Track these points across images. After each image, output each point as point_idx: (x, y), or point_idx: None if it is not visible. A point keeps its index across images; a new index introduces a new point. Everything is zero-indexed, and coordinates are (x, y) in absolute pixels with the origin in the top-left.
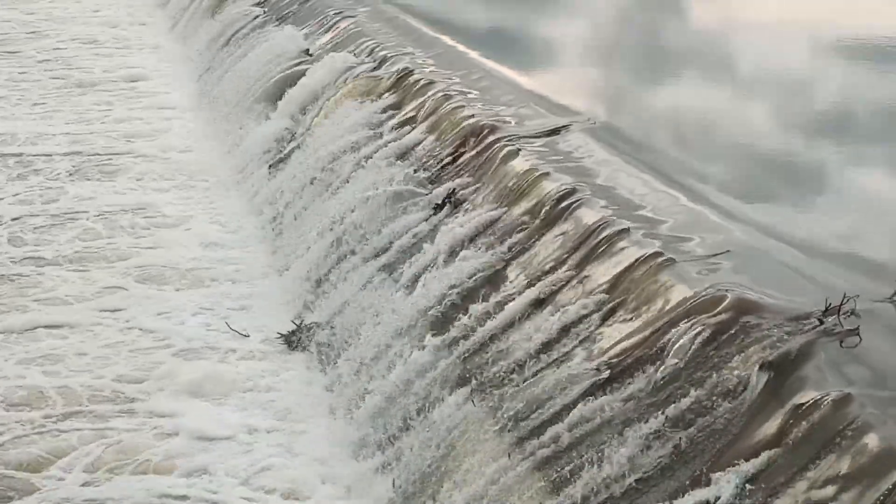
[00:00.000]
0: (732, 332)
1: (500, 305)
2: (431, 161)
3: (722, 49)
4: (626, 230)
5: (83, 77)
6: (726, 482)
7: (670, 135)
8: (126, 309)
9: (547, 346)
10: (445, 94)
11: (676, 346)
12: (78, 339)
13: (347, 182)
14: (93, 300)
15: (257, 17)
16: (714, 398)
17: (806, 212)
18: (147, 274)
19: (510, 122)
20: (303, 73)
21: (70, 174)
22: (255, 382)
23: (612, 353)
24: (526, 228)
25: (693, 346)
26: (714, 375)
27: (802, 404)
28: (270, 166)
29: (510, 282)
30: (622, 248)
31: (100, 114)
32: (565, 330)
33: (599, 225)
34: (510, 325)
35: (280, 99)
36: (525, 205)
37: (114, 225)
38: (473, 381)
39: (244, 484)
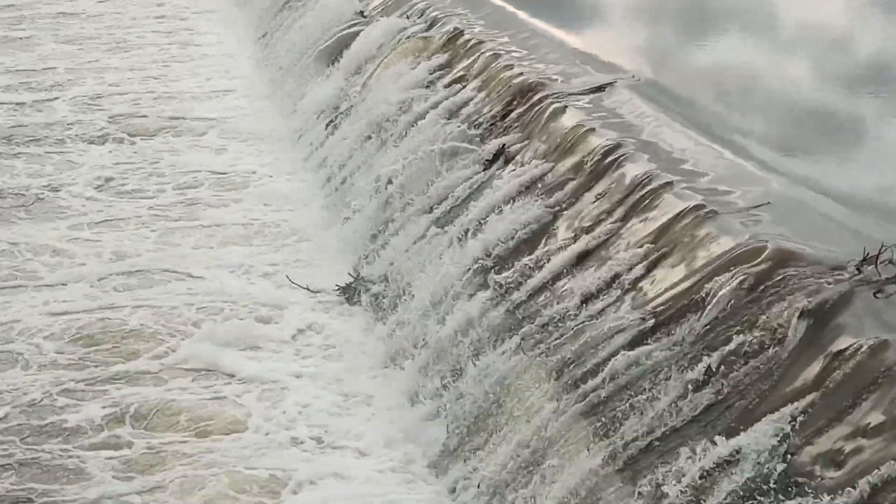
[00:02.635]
0: (772, 281)
1: (549, 257)
2: (481, 118)
3: (764, 5)
4: (670, 183)
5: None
6: (767, 427)
7: (712, 90)
8: (184, 262)
9: (593, 297)
10: (495, 54)
11: (718, 295)
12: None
13: (401, 139)
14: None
15: None
16: (755, 346)
17: (845, 164)
18: (208, 230)
19: (557, 80)
20: (357, 35)
21: (131, 136)
22: (314, 333)
23: (656, 302)
24: (573, 182)
25: (734, 296)
26: (755, 323)
27: (841, 351)
28: (327, 125)
29: (558, 234)
30: (666, 201)
31: (161, 76)
32: (611, 280)
33: (644, 179)
34: (558, 276)
35: (335, 60)
36: (572, 160)
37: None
38: (523, 331)
39: (306, 427)
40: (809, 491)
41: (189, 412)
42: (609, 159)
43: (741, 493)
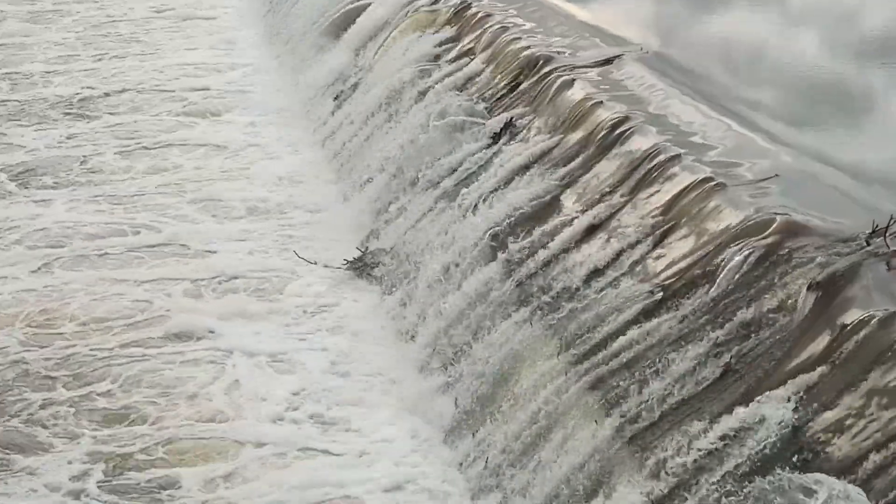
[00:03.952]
0: (781, 253)
1: (558, 230)
2: (489, 92)
3: None
4: (678, 156)
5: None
6: (775, 398)
7: (721, 63)
8: (192, 238)
9: (602, 269)
10: (502, 27)
11: (727, 267)
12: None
13: (408, 113)
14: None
15: None
16: (763, 318)
17: (853, 136)
18: (214, 204)
19: (565, 53)
20: (364, 8)
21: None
22: (323, 307)
23: (665, 275)
24: (581, 155)
25: (743, 268)
26: (764, 296)
27: (849, 323)
28: (335, 98)
29: (567, 207)
30: (674, 174)
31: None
32: (620, 253)
33: (652, 151)
34: (567, 249)
35: (343, 33)
36: (580, 133)
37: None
38: (532, 303)
39: (315, 402)
40: (819, 463)
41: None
42: (617, 132)
43: (750, 465)
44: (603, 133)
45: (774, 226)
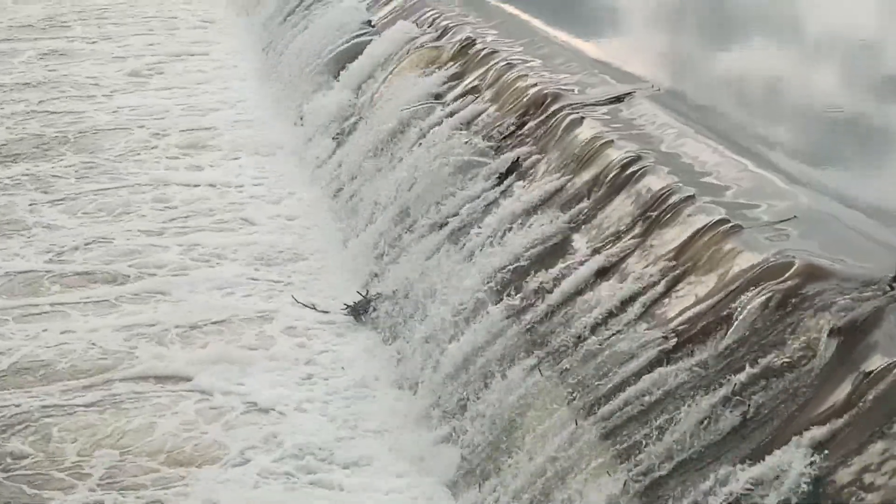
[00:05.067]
0: (801, 298)
1: (567, 273)
2: (495, 130)
3: (787, 11)
4: (692, 197)
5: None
6: (796, 449)
7: (735, 100)
8: (188, 278)
9: (614, 314)
10: (508, 63)
11: (744, 312)
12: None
13: (412, 152)
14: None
15: None
16: (783, 365)
17: (873, 176)
18: (212, 250)
19: (573, 91)
20: (365, 44)
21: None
22: (322, 353)
23: (679, 320)
24: (591, 196)
25: (761, 313)
26: (783, 342)
27: (872, 370)
28: (335, 137)
29: (576, 250)
30: (688, 216)
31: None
32: (632, 298)
33: (665, 192)
34: (577, 293)
35: (343, 70)
36: (590, 173)
37: (179, 194)
38: (540, 350)
39: (310, 455)
40: None
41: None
42: (628, 172)
43: None
44: (613, 173)
45: (793, 269)
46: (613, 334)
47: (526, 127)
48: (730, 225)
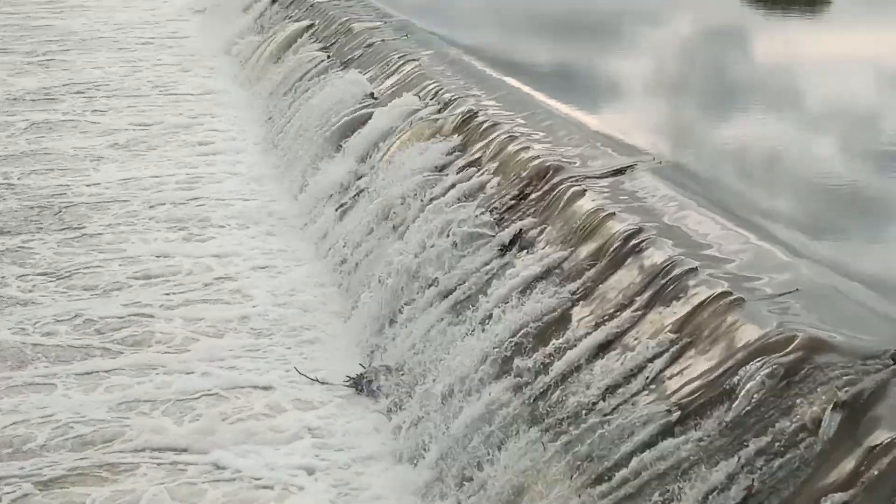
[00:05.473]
0: (804, 371)
1: (569, 346)
2: (497, 202)
3: (787, 84)
4: (694, 269)
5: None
6: None
7: (737, 172)
8: (191, 353)
9: (616, 387)
10: (510, 136)
11: (747, 386)
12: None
13: (414, 224)
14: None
15: (322, 62)
16: (786, 439)
17: (875, 247)
18: (212, 323)
19: (575, 163)
20: (368, 116)
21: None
22: (322, 426)
23: (682, 393)
24: (593, 268)
25: (764, 386)
26: (786, 416)
27: (877, 444)
28: (337, 209)
29: (578, 322)
30: (690, 288)
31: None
32: (634, 370)
33: (667, 265)
34: (579, 366)
35: (346, 142)
36: (592, 245)
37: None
38: (543, 423)
39: None
40: None
41: None
42: (630, 244)
43: None
44: (616, 245)
45: (796, 342)
46: (617, 407)
47: (528, 199)
48: (732, 298)
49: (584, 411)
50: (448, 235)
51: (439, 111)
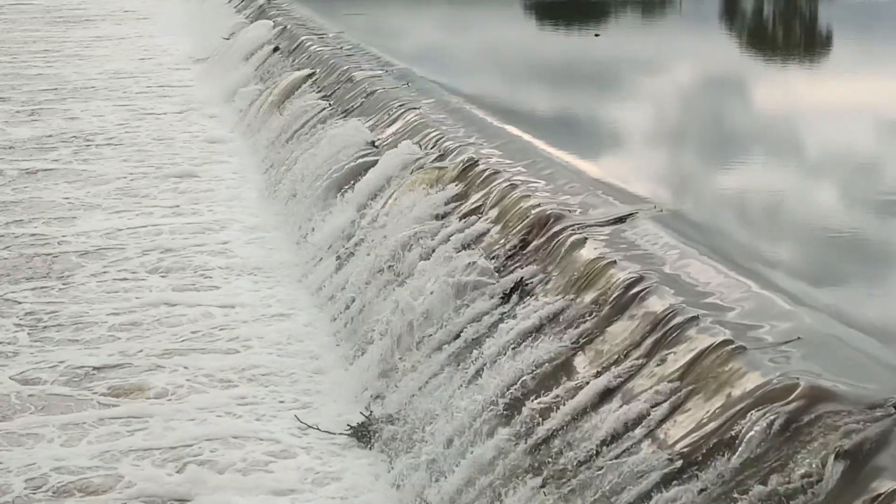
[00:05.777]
0: (806, 420)
1: (570, 394)
2: (498, 251)
3: (787, 132)
4: (696, 318)
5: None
6: None
7: (738, 220)
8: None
9: (618, 436)
10: (511, 184)
11: (749, 435)
12: None
13: (414, 273)
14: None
15: (323, 110)
16: (789, 489)
17: (877, 295)
18: (210, 372)
19: (576, 211)
20: (369, 165)
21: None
22: (322, 475)
23: (683, 442)
24: (594, 317)
25: (766, 435)
26: (788, 465)
27: (881, 494)
28: (337, 258)
29: (579, 371)
30: (691, 337)
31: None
32: (636, 419)
33: (668, 313)
34: (580, 415)
35: (347, 190)
36: (593, 293)
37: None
38: (544, 472)
39: None
40: None
41: None
42: (631, 293)
43: None
44: (616, 294)
45: (798, 391)
46: (618, 456)
47: (529, 247)
48: (734, 346)
49: (585, 460)
50: (449, 284)
51: (440, 159)
